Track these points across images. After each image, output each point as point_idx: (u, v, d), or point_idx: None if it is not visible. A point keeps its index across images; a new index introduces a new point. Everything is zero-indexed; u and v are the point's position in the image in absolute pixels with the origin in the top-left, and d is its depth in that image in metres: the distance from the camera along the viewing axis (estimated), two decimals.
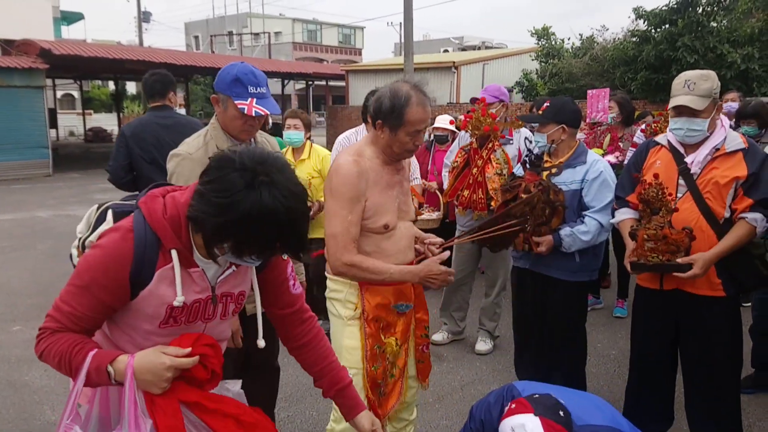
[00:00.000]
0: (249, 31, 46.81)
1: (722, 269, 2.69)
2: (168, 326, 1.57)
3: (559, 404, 1.97)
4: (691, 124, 2.67)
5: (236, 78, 2.40)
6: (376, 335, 2.50)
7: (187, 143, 2.55)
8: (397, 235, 2.51)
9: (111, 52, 19.60)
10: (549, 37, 21.17)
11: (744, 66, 13.79)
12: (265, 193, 1.37)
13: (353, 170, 2.39)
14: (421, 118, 2.40)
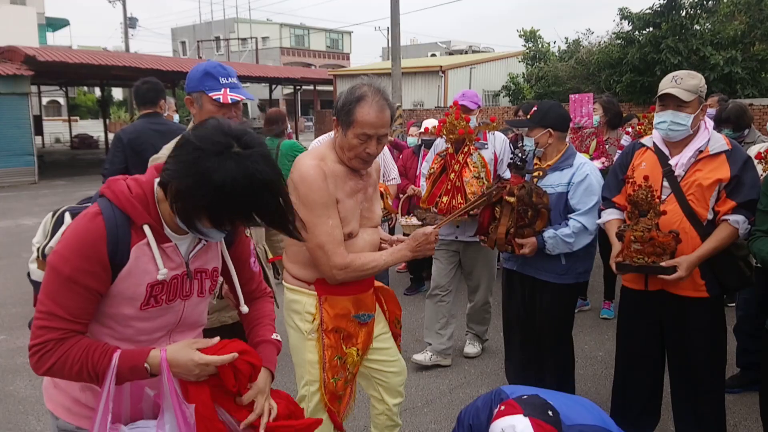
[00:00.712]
0: (236, 37, 46.76)
1: (706, 270, 2.72)
2: (149, 307, 1.55)
3: (548, 404, 1.98)
4: (675, 117, 2.69)
5: (206, 72, 2.43)
6: (336, 346, 2.40)
7: (168, 148, 2.44)
8: (359, 243, 2.39)
9: (97, 59, 19.48)
10: (536, 39, 21.33)
11: (727, 69, 13.95)
12: (241, 162, 1.40)
13: (319, 174, 2.26)
14: (370, 121, 2.22)
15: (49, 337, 1.46)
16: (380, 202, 2.61)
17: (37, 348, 1.47)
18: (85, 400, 1.62)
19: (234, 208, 1.43)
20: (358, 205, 2.39)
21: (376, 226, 2.53)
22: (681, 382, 2.96)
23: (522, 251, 3.15)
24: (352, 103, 2.25)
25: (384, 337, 2.62)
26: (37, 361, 1.48)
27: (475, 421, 2.09)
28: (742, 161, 2.66)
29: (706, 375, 2.86)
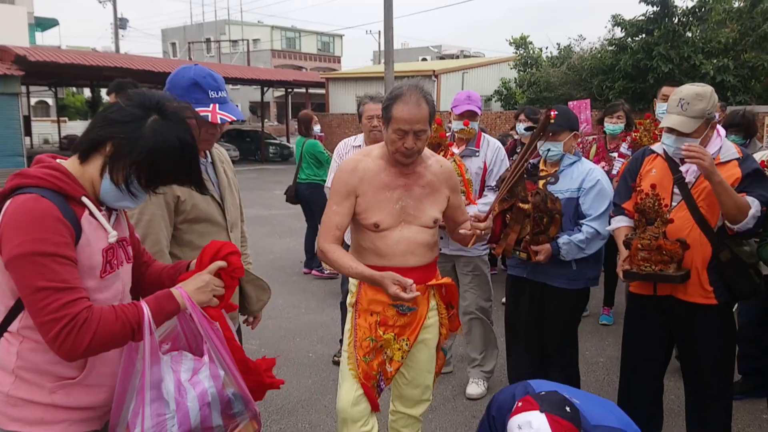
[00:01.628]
0: (227, 38, 46.63)
1: (716, 278, 2.72)
2: (107, 274, 1.61)
3: (567, 400, 1.97)
4: (680, 144, 2.68)
5: (194, 82, 2.21)
6: (369, 327, 2.55)
7: None
8: (393, 237, 2.51)
9: (88, 59, 19.37)
10: (527, 46, 21.43)
11: (719, 77, 14.08)
12: (163, 125, 1.56)
13: (347, 167, 2.55)
14: (402, 116, 2.38)
15: (77, 308, 1.45)
16: (438, 205, 2.62)
17: (70, 326, 1.43)
18: (60, 401, 1.58)
19: (167, 167, 1.58)
20: (393, 201, 2.52)
21: (427, 227, 2.58)
22: (690, 386, 2.98)
23: (537, 258, 3.13)
24: (391, 101, 2.43)
25: (419, 346, 2.65)
26: (74, 340, 1.44)
27: (497, 414, 2.11)
28: (753, 169, 2.66)
29: (714, 381, 2.87)
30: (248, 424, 1.69)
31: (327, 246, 2.51)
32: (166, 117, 1.59)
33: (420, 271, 2.57)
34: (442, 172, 2.64)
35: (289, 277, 6.95)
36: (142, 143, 1.54)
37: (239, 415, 1.68)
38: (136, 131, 1.54)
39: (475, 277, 3.94)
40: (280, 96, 37.87)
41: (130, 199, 1.62)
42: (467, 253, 3.84)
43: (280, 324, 5.37)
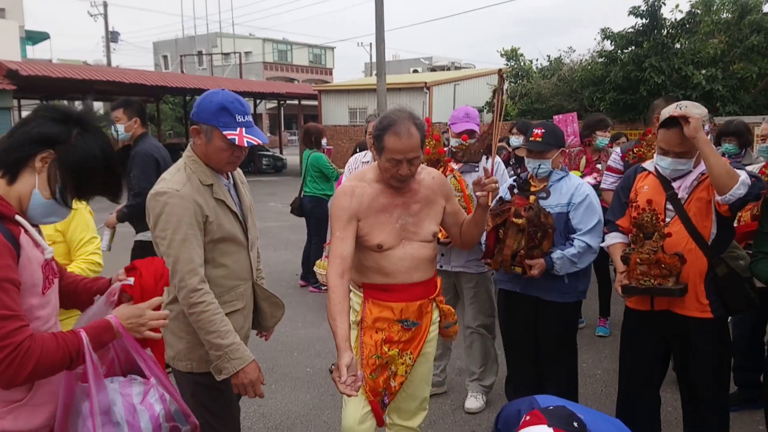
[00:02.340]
0: (219, 51, 46.69)
1: (711, 292, 2.76)
2: (47, 289, 1.66)
3: (574, 416, 1.99)
4: (676, 165, 2.76)
5: (222, 107, 2.26)
6: (375, 345, 2.58)
7: (167, 180, 2.31)
8: (396, 255, 2.57)
9: (80, 73, 19.36)
10: (518, 58, 21.59)
11: (708, 87, 14.25)
12: (86, 138, 1.66)
13: (343, 193, 2.58)
14: (395, 147, 2.42)
15: (20, 337, 1.47)
16: (435, 219, 2.68)
17: (12, 356, 1.45)
18: (8, 426, 1.60)
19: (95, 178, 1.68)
20: (393, 220, 2.58)
21: (427, 241, 2.64)
22: (687, 398, 3.01)
23: (532, 273, 3.16)
24: (382, 131, 2.46)
25: (420, 360, 2.70)
26: (15, 370, 1.46)
27: (504, 428, 2.13)
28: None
29: (711, 393, 2.90)
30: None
31: (332, 282, 2.49)
32: (88, 130, 1.68)
33: (424, 286, 2.66)
34: (434, 183, 2.70)
35: (285, 290, 6.94)
36: (69, 157, 1.62)
37: (183, 427, 1.78)
38: (62, 146, 1.62)
39: (477, 293, 3.95)
40: (272, 108, 37.98)
41: (60, 212, 1.70)
42: (469, 270, 3.86)
43: (277, 338, 5.35)
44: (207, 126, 2.27)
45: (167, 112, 35.87)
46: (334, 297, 2.48)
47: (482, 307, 3.95)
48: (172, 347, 2.34)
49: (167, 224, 2.19)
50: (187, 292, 2.18)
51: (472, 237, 2.79)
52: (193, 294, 2.18)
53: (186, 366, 2.35)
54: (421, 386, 2.77)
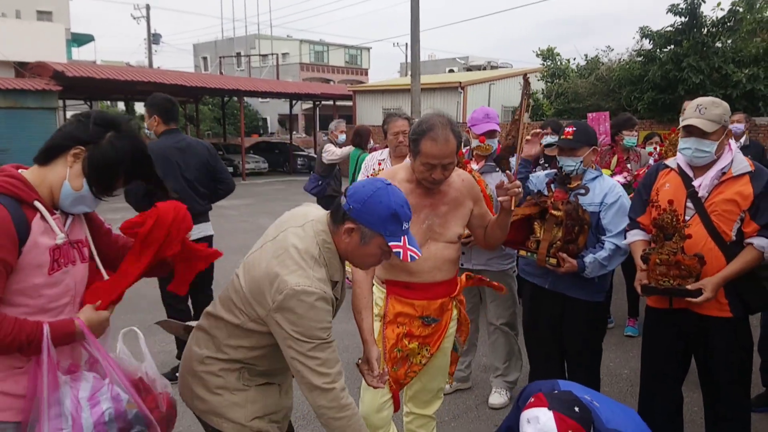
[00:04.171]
0: (257, 53, 47.34)
1: (730, 290, 2.77)
2: (54, 271, 1.81)
3: (578, 401, 2.07)
4: (699, 145, 2.76)
5: (393, 213, 2.00)
6: (396, 339, 2.67)
7: (308, 276, 1.95)
8: (421, 255, 2.57)
9: (123, 74, 19.90)
10: (554, 57, 21.36)
11: (750, 86, 13.90)
12: (120, 139, 1.85)
13: None
14: (431, 152, 2.48)
15: None
16: (461, 221, 2.75)
17: None
18: (8, 389, 1.76)
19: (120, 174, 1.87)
20: (420, 221, 2.63)
21: (453, 242, 2.71)
22: (708, 398, 3.03)
23: (561, 269, 3.17)
24: (419, 135, 2.51)
25: (437, 354, 2.78)
26: None
27: (522, 404, 2.24)
28: (765, 182, 2.71)
29: (731, 393, 2.90)
30: None
31: (358, 277, 2.59)
32: (121, 134, 1.86)
33: (446, 285, 2.74)
34: (464, 185, 2.76)
35: None
36: (98, 155, 1.82)
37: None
38: (93, 145, 1.82)
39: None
40: (308, 108, 38.27)
41: (89, 203, 1.89)
42: (490, 268, 3.90)
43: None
44: (370, 231, 2.01)
45: (206, 113, 36.55)
46: (360, 292, 2.57)
47: (504, 305, 4.01)
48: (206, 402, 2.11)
49: (312, 331, 1.93)
50: (338, 392, 1.98)
51: (496, 239, 2.85)
52: (342, 394, 1.99)
53: None
54: (437, 378, 2.86)
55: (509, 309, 4.03)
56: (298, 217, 2.14)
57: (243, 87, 24.03)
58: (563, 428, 1.99)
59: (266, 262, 1.98)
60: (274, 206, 15.16)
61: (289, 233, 2.05)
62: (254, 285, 1.97)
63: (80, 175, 1.83)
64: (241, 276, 2.04)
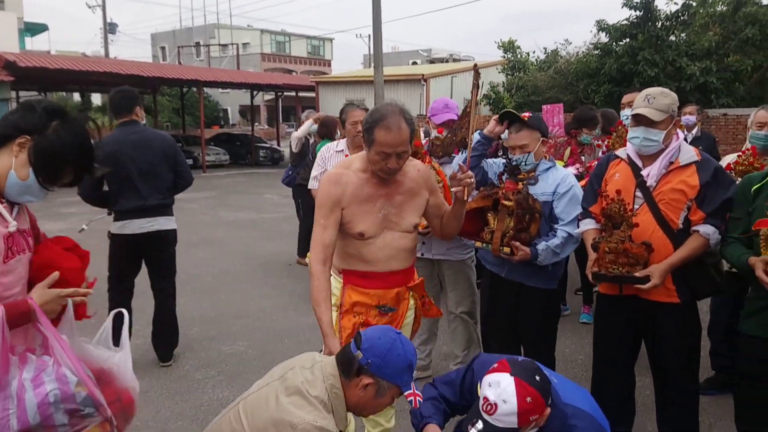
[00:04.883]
0: (216, 42, 46.63)
1: (678, 277, 2.85)
2: (9, 259, 1.82)
3: (539, 371, 2.14)
4: (647, 134, 2.84)
5: (410, 364, 2.10)
6: (354, 328, 2.66)
7: (324, 417, 1.98)
8: (377, 245, 2.66)
9: (77, 64, 19.39)
10: (515, 50, 21.61)
11: (702, 79, 14.30)
12: (65, 129, 1.84)
13: (329, 181, 2.66)
14: (384, 141, 2.48)
15: None
16: (417, 210, 2.76)
17: None
18: None
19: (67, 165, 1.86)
20: (376, 210, 2.64)
21: (409, 232, 2.73)
22: (658, 382, 3.12)
23: (514, 258, 3.23)
24: (372, 124, 2.51)
25: None
26: None
27: (478, 369, 2.32)
28: (712, 171, 2.80)
29: (679, 377, 3.00)
30: (99, 426, 1.84)
31: (315, 269, 2.60)
32: (67, 123, 1.86)
33: (402, 275, 2.76)
34: (419, 176, 2.78)
35: (279, 279, 7.05)
36: (43, 145, 1.81)
37: (89, 417, 1.81)
38: (42, 134, 1.81)
39: (458, 280, 4.06)
40: (270, 99, 37.94)
41: (34, 193, 1.87)
42: (450, 258, 3.96)
43: (269, 326, 5.47)
44: (388, 383, 2.06)
45: (165, 104, 35.87)
46: (318, 284, 2.58)
47: (464, 294, 4.06)
48: None
49: None
50: None
51: (451, 229, 2.88)
52: None
53: None
54: None
55: (469, 298, 4.09)
56: (305, 359, 2.19)
57: (202, 77, 23.65)
58: (523, 394, 2.04)
59: (275, 403, 1.99)
60: (236, 199, 15.01)
61: (297, 372, 2.10)
62: (259, 426, 1.97)
63: (26, 164, 1.82)
64: (243, 417, 2.02)
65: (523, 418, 2.06)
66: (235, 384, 4.24)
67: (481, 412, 2.11)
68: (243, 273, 7.46)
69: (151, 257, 4.48)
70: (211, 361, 4.67)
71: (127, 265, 4.40)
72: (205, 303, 6.18)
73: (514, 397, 2.04)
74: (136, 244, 4.33)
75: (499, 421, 2.07)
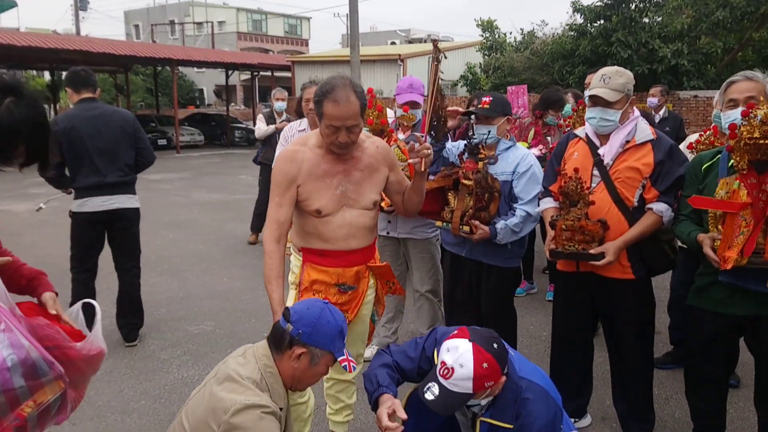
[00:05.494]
0: (191, 20, 45.83)
1: (633, 254, 2.91)
2: None
3: (497, 340, 2.20)
4: (604, 114, 2.88)
5: (340, 330, 2.17)
6: None
7: (256, 394, 2.03)
8: (335, 222, 2.63)
9: (47, 42, 18.93)
10: (493, 30, 21.55)
11: (674, 61, 14.43)
12: (19, 106, 1.77)
13: (284, 158, 2.63)
14: (333, 114, 2.45)
15: None
16: (377, 187, 2.74)
17: None
18: None
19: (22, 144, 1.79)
20: (333, 187, 2.63)
21: (368, 209, 2.71)
22: (613, 357, 3.19)
23: (474, 237, 3.26)
24: (321, 97, 2.48)
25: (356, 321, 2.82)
26: None
27: (440, 338, 2.35)
28: (667, 149, 2.85)
29: (634, 351, 3.07)
30: (53, 383, 1.87)
31: (268, 247, 2.60)
32: (21, 100, 1.78)
33: (361, 253, 2.74)
34: (378, 152, 2.75)
35: (250, 260, 7.03)
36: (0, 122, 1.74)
37: (43, 376, 1.84)
38: None
39: (423, 259, 4.09)
40: (246, 80, 37.46)
41: None
42: (415, 236, 3.99)
43: (237, 306, 5.47)
44: (321, 351, 2.14)
45: (138, 83, 35.25)
46: (271, 262, 2.58)
47: (428, 272, 4.09)
48: None
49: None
50: None
51: (413, 205, 2.88)
52: None
53: None
54: (356, 344, 2.90)
55: (433, 277, 4.12)
56: (238, 351, 2.25)
57: (176, 56, 23.25)
58: (479, 360, 2.09)
59: (209, 396, 2.04)
60: (210, 180, 14.87)
61: (229, 362, 2.16)
62: (198, 423, 2.00)
63: None
64: (184, 421, 2.07)
65: (478, 383, 2.10)
66: (201, 363, 4.24)
67: (438, 377, 2.15)
68: (214, 254, 7.42)
69: (114, 236, 4.45)
70: (177, 341, 4.66)
71: (89, 244, 4.36)
72: (174, 284, 6.14)
73: (471, 362, 2.09)
74: (97, 222, 4.29)
75: (454, 385, 2.11)
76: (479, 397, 2.21)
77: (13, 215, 9.47)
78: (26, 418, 1.81)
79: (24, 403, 1.80)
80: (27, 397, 1.80)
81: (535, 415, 2.20)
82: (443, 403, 2.15)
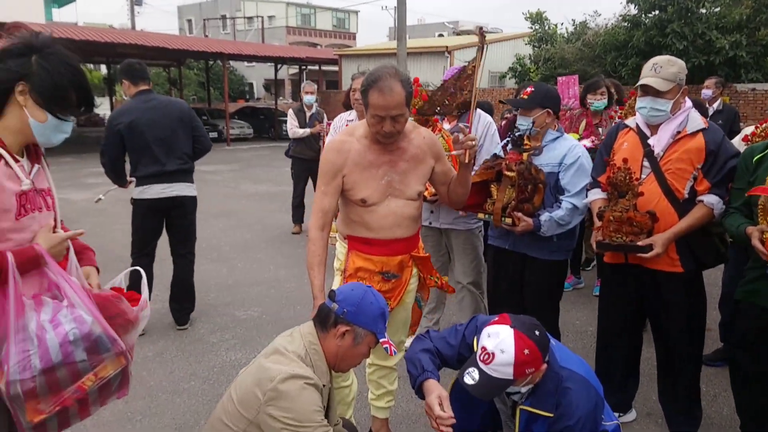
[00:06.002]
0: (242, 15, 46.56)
1: (682, 246, 2.85)
2: (22, 216, 1.85)
3: (539, 327, 2.21)
4: (654, 104, 2.82)
5: (383, 312, 2.26)
6: None
7: (300, 366, 2.12)
8: (380, 212, 2.67)
9: (103, 36, 19.54)
10: (543, 21, 21.20)
11: (732, 53, 13.94)
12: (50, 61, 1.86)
13: (332, 148, 2.68)
14: (377, 103, 2.47)
15: None
16: (422, 178, 2.76)
17: None
18: None
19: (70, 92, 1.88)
20: (378, 177, 2.66)
21: (413, 199, 2.74)
22: (661, 352, 3.13)
23: (517, 228, 3.22)
24: (367, 87, 2.52)
25: (398, 309, 2.85)
26: None
27: (480, 325, 2.37)
28: (719, 140, 2.78)
29: (682, 347, 3.01)
30: (115, 359, 1.94)
31: (313, 235, 2.67)
32: (44, 53, 1.86)
33: (405, 242, 2.77)
34: (424, 143, 2.76)
35: (294, 250, 7.15)
36: (39, 81, 1.83)
37: (105, 352, 1.92)
38: (30, 74, 1.83)
39: (465, 250, 4.07)
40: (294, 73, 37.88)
41: (62, 128, 1.91)
42: (457, 227, 3.98)
43: (282, 294, 5.57)
44: (364, 330, 2.21)
45: (191, 77, 36.08)
46: (314, 249, 2.64)
47: (470, 264, 4.08)
48: None
49: (306, 414, 2.02)
50: None
51: (458, 196, 2.88)
52: None
53: None
54: (398, 331, 2.94)
55: (475, 269, 4.11)
56: (287, 331, 2.34)
57: (227, 50, 23.69)
58: (521, 346, 2.09)
59: (256, 369, 2.15)
60: (258, 172, 15.12)
61: (276, 340, 2.27)
62: (245, 393, 2.09)
63: (36, 107, 1.85)
64: (233, 394, 2.15)
65: (519, 369, 2.10)
66: (248, 347, 4.35)
67: (478, 362, 2.16)
68: (260, 243, 7.57)
69: (172, 223, 4.60)
70: (225, 325, 4.79)
71: (148, 230, 4.53)
72: (223, 271, 6.30)
73: (512, 347, 2.09)
74: (157, 209, 4.45)
75: (495, 371, 2.12)
76: (519, 384, 2.21)
77: (72, 203, 9.82)
78: (87, 391, 1.90)
79: (85, 376, 1.88)
80: (88, 370, 1.88)
81: (576, 405, 2.19)
82: (483, 389, 2.16)
